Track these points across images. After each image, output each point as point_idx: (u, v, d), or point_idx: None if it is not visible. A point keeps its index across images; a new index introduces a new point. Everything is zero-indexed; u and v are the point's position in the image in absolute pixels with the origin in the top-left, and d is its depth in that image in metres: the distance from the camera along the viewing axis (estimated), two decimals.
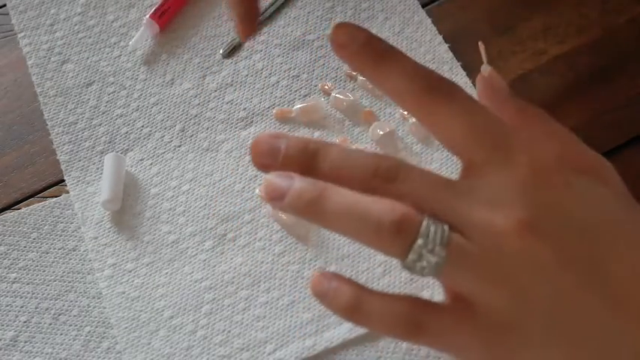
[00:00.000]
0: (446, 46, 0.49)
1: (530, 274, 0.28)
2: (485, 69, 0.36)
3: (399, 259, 0.28)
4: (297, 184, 0.29)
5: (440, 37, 0.50)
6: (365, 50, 0.31)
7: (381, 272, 0.43)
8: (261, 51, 0.51)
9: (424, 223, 0.28)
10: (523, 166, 0.29)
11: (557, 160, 0.30)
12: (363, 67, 0.31)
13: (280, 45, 0.51)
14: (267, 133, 0.30)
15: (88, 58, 0.51)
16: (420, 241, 0.27)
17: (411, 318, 0.29)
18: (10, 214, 0.46)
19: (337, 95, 0.48)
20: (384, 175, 0.29)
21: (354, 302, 0.29)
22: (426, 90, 0.30)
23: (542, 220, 0.28)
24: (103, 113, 0.49)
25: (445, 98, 0.30)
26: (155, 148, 0.48)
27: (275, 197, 0.29)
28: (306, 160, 0.30)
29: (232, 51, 0.51)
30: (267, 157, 0.30)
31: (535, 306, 0.28)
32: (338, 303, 0.29)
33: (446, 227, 0.28)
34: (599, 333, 0.28)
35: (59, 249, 0.45)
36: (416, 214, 0.28)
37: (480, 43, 0.36)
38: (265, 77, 0.50)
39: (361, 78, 0.49)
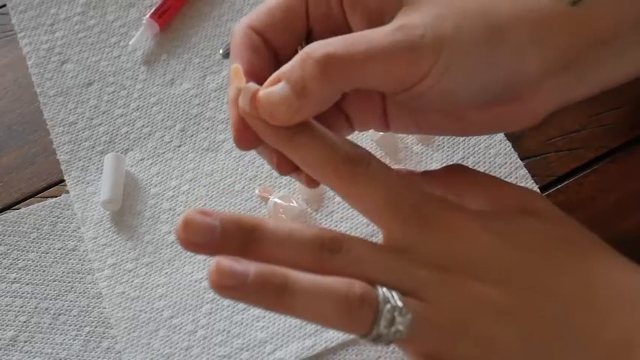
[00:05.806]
0: None
1: (487, 317, 0.28)
2: None
3: (364, 334, 0.28)
4: (255, 268, 0.27)
5: None
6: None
7: None
8: None
9: (379, 290, 0.28)
10: (442, 229, 0.30)
11: (473, 213, 0.31)
12: (276, 143, 0.30)
13: None
14: (195, 210, 0.28)
15: (88, 58, 0.51)
16: (388, 306, 0.27)
17: None
18: (10, 214, 0.46)
19: None
20: (329, 247, 0.28)
21: None
22: (343, 162, 0.30)
23: (479, 268, 0.29)
24: (103, 113, 0.49)
25: (362, 169, 0.30)
26: (155, 147, 0.48)
27: (233, 285, 0.27)
28: (246, 238, 0.28)
29: None
30: (200, 235, 0.28)
31: (504, 350, 0.28)
32: None
33: (397, 292, 0.28)
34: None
35: (59, 249, 0.45)
36: (369, 285, 0.28)
37: None
38: None
39: None
